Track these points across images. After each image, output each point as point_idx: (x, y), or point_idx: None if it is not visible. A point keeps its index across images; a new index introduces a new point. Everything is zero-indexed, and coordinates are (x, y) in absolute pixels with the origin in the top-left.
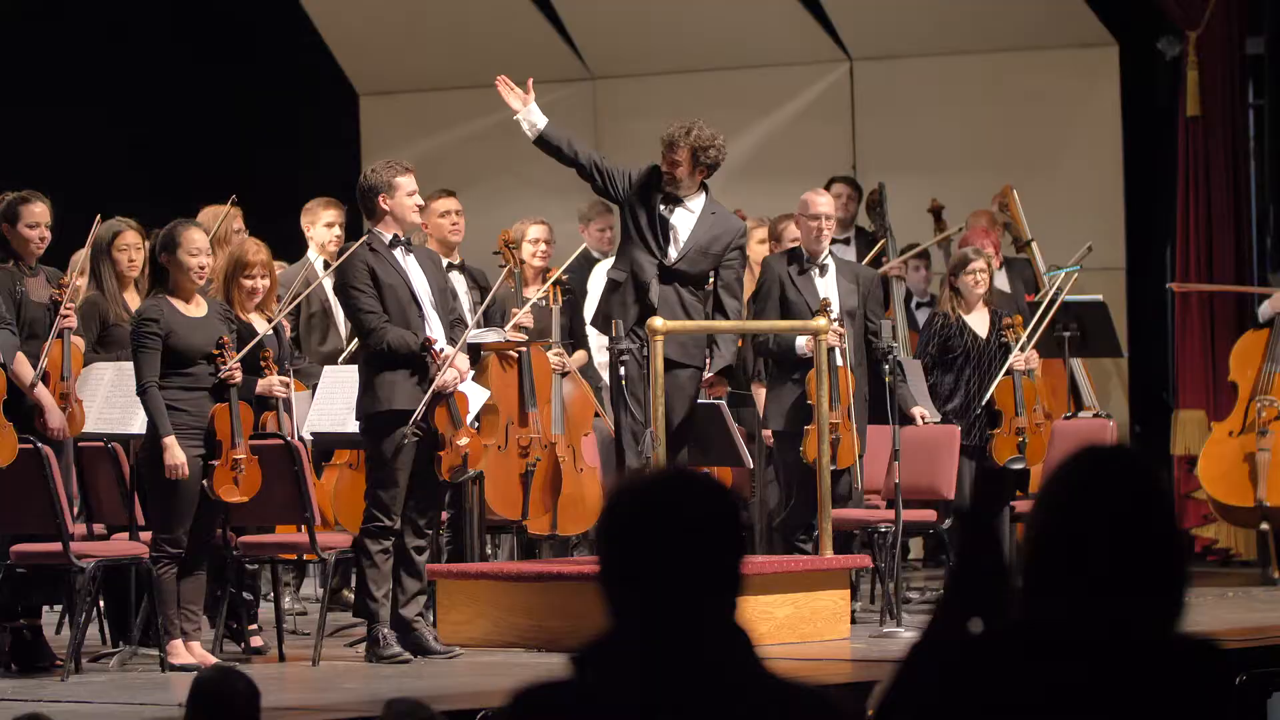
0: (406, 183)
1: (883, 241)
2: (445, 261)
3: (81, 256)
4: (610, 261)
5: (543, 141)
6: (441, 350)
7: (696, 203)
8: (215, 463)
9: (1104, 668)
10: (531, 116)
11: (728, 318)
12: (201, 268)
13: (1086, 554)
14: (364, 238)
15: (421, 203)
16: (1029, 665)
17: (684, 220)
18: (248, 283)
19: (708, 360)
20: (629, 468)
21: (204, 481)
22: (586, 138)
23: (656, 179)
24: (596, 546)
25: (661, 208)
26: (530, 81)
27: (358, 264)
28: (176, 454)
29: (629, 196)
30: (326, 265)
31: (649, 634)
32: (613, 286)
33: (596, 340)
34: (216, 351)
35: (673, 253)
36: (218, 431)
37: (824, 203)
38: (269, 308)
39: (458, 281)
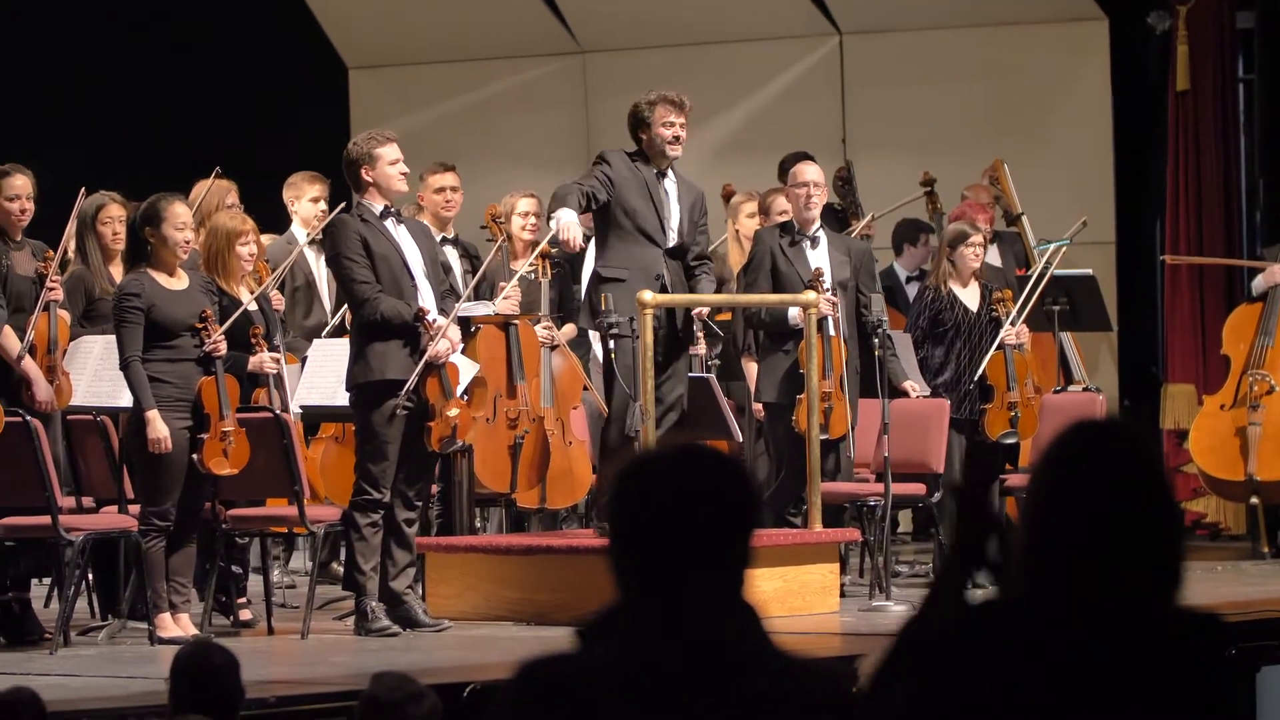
0: (388, 152)
1: (868, 219)
2: (440, 235)
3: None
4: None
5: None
6: (434, 321)
7: (669, 173)
8: (204, 436)
9: (1104, 642)
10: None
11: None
12: (186, 241)
13: (1084, 528)
14: (345, 208)
15: (407, 171)
16: (1028, 640)
17: (671, 194)
18: (244, 250)
19: (699, 335)
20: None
21: (193, 455)
22: (576, 112)
23: (630, 163)
24: (607, 519)
25: (658, 187)
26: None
27: (350, 234)
28: (159, 428)
29: (614, 193)
30: (312, 240)
31: (656, 608)
32: (599, 280)
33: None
34: (200, 324)
35: (671, 235)
36: (205, 404)
37: (812, 170)
38: (259, 277)
39: (450, 255)
